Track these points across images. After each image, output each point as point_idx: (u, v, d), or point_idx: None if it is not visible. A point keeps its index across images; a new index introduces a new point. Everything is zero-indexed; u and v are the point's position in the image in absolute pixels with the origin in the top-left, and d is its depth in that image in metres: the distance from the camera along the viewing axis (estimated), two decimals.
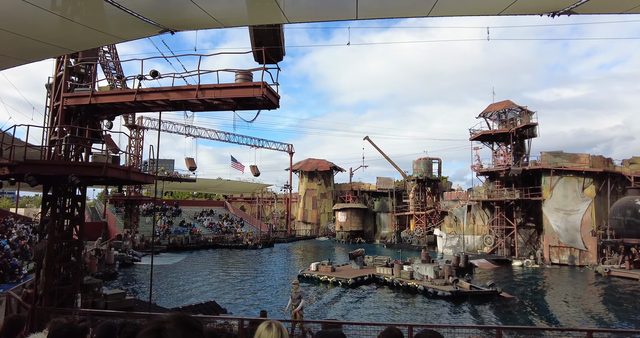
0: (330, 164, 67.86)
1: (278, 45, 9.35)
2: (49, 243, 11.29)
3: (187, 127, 48.37)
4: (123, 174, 11.66)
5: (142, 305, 16.36)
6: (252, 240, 48.80)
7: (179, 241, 44.77)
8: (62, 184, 11.52)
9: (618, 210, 30.92)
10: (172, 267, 31.73)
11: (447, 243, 45.38)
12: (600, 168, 36.06)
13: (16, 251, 24.63)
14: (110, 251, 30.30)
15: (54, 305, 11.07)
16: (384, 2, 4.12)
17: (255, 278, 27.55)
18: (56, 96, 12.04)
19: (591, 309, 20.59)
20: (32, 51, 5.25)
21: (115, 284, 24.09)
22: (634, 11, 3.85)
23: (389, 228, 60.96)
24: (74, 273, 12.11)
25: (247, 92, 9.91)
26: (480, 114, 43.68)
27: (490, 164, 42.99)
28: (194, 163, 46.24)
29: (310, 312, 18.65)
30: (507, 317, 18.59)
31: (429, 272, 23.83)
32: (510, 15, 3.99)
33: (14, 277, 20.32)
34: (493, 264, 35.44)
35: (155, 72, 10.50)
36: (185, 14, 4.32)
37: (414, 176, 55.83)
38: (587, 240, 34.87)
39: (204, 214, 60.44)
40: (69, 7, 4.17)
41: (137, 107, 11.85)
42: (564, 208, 36.16)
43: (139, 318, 10.46)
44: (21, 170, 10.28)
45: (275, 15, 4.46)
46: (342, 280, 24.29)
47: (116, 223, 46.16)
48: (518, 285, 26.93)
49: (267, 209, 75.19)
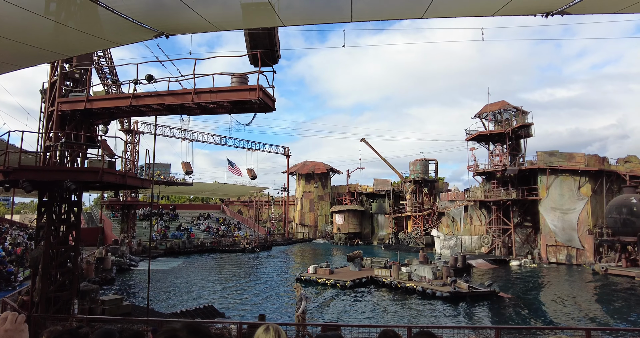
0: (327, 167, 67.85)
1: (273, 48, 9.36)
2: (45, 249, 11.21)
3: (183, 131, 48.32)
4: (119, 179, 11.60)
5: (140, 311, 16.25)
6: (250, 244, 48.65)
7: (176, 246, 44.57)
8: (57, 189, 11.45)
9: (614, 209, 31.08)
10: (169, 272, 31.58)
11: (445, 244, 45.43)
12: (596, 166, 36.28)
13: (12, 257, 24.43)
14: (107, 257, 30.10)
15: (50, 312, 10.97)
16: (379, 4, 4.12)
17: (253, 282, 27.46)
18: (51, 101, 11.99)
19: (589, 308, 20.66)
20: (26, 57, 5.22)
21: (113, 290, 23.94)
22: (626, 11, 3.87)
23: (386, 229, 60.98)
24: (70, 279, 12.02)
25: (243, 95, 9.90)
26: (475, 114, 43.87)
27: (487, 164, 43.15)
28: (190, 166, 46.13)
29: (309, 314, 18.59)
30: (505, 317, 18.62)
31: (427, 273, 23.84)
32: (505, 16, 4.01)
33: (10, 284, 20.14)
34: (491, 264, 35.49)
35: (150, 76, 10.47)
36: (180, 18, 4.31)
37: (411, 178, 55.91)
38: (583, 238, 35.02)
39: (201, 218, 60.23)
40: (62, 12, 4.15)
41: (133, 111, 11.81)
42: (561, 207, 36.32)
43: (137, 323, 10.40)
44: (16, 176, 10.21)
45: (270, 18, 4.46)
46: (340, 282, 24.25)
47: (113, 228, 45.89)
48: (516, 284, 26.99)
49: (264, 213, 75.05)
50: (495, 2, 3.75)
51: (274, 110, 10.52)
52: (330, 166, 68.53)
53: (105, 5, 3.87)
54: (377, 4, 4.15)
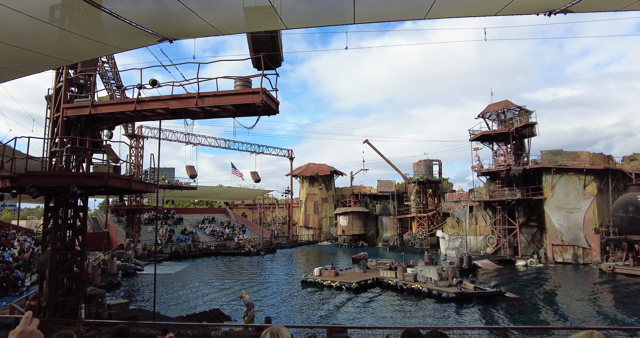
0: (330, 169, 67.84)
1: (276, 51, 9.39)
2: (52, 255, 11.27)
3: (187, 135, 48.47)
4: (124, 184, 11.65)
5: (146, 314, 16.29)
6: (254, 247, 48.65)
7: (181, 250, 44.65)
8: (63, 195, 11.52)
9: (620, 207, 30.86)
10: (175, 276, 31.63)
11: (450, 245, 45.25)
12: (601, 165, 36.04)
13: (19, 263, 24.58)
14: (112, 261, 30.23)
15: (57, 317, 11.02)
16: (381, 6, 4.13)
17: (258, 285, 27.45)
18: (56, 107, 12.08)
19: (597, 307, 20.49)
20: (32, 63, 5.28)
21: (119, 294, 24.01)
22: (629, 8, 3.86)
23: (391, 231, 60.84)
24: (77, 284, 12.07)
25: (246, 98, 9.93)
26: (479, 114, 43.74)
27: (491, 164, 42.98)
28: (195, 170, 46.29)
29: (316, 317, 18.57)
30: (512, 317, 18.50)
31: (433, 274, 23.75)
32: (507, 15, 4.01)
33: (17, 289, 20.27)
34: (496, 264, 35.31)
35: (154, 81, 10.54)
36: (184, 23, 4.34)
37: (415, 178, 55.80)
38: (589, 237, 34.78)
39: (205, 221, 60.33)
40: (67, 19, 4.19)
41: (137, 116, 11.87)
42: (566, 206, 36.10)
43: (143, 327, 10.42)
44: (22, 182, 10.29)
45: (273, 21, 4.49)
46: (345, 284, 24.20)
47: (118, 232, 46.05)
48: (522, 284, 26.82)
49: (268, 215, 75.05)
50: (498, 2, 3.75)
51: (277, 113, 10.55)
52: (334, 168, 68.51)
53: (110, 11, 3.91)
54: (379, 6, 4.16)
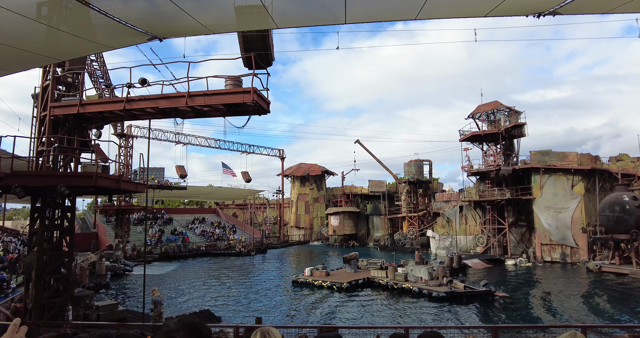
0: (321, 169, 67.85)
1: (267, 50, 9.36)
2: (38, 256, 11.09)
3: (177, 135, 48.06)
4: (113, 184, 11.52)
5: (135, 316, 16.12)
6: (245, 247, 48.44)
7: (171, 250, 44.27)
8: (50, 195, 11.35)
9: (607, 207, 31.37)
10: (164, 276, 31.36)
11: (440, 244, 45.57)
12: (589, 165, 36.60)
13: (4, 264, 24.14)
14: (101, 262, 29.83)
15: (44, 319, 10.85)
16: (373, 6, 4.14)
17: (249, 285, 27.34)
18: (43, 105, 11.89)
19: (584, 305, 20.81)
20: (17, 61, 5.18)
21: (108, 295, 23.72)
22: (616, 11, 3.92)
23: (382, 230, 61.05)
24: (64, 285, 11.90)
25: (237, 98, 9.88)
26: (469, 115, 44.09)
27: (481, 164, 43.38)
28: (185, 170, 45.88)
29: (307, 317, 18.55)
30: (502, 315, 18.70)
31: (423, 274, 23.89)
32: (497, 16, 4.04)
33: (2, 291, 19.89)
34: (486, 264, 35.64)
35: (144, 80, 10.43)
36: (174, 22, 4.30)
37: (406, 178, 56.07)
38: (577, 237, 35.30)
39: (195, 222, 59.88)
40: (54, 16, 4.12)
41: (126, 115, 11.75)
42: (554, 206, 36.59)
43: (133, 329, 10.30)
44: (8, 182, 10.11)
45: (264, 20, 4.46)
46: (336, 284, 24.22)
47: (107, 233, 45.47)
48: (512, 283, 27.13)
49: (259, 216, 74.79)
50: (488, 3, 3.78)
51: (268, 112, 10.52)
52: (325, 168, 68.54)
53: (98, 9, 3.85)
54: (370, 7, 4.16)
